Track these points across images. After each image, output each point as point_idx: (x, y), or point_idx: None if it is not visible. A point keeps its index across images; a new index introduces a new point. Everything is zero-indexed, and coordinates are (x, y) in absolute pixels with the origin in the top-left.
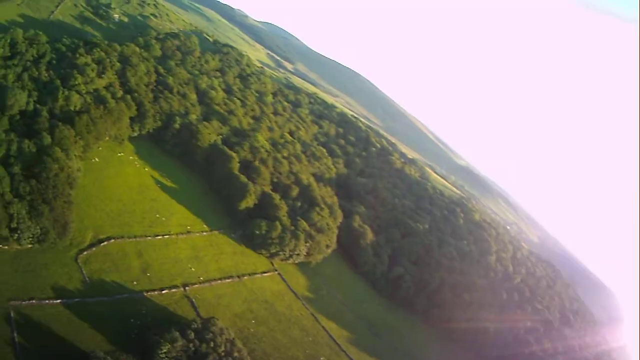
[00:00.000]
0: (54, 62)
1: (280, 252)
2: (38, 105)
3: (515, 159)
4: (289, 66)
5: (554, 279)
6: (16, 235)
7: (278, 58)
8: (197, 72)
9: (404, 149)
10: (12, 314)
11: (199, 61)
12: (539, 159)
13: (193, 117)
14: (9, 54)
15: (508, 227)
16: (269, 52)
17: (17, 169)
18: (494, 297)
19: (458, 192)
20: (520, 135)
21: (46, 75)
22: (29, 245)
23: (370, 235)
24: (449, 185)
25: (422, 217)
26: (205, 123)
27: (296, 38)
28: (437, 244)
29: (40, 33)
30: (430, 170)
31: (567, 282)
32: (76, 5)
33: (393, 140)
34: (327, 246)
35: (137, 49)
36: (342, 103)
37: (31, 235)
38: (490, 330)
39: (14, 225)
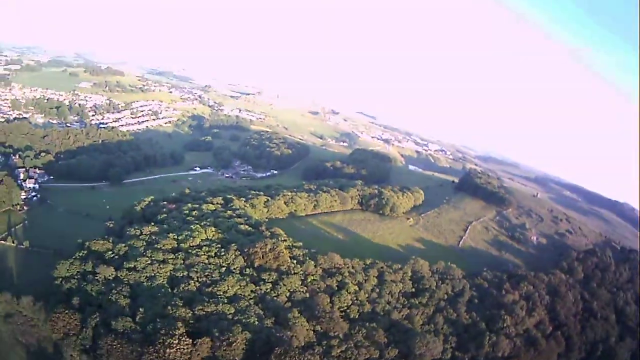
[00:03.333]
0: (475, 300)
1: None
2: (457, 353)
3: None
4: None
5: None
6: None
7: None
8: (615, 289)
9: None
10: None
11: (614, 275)
12: None
13: (612, 339)
14: (412, 290)
15: None
16: None
17: None
18: None
19: None
20: None
21: (467, 317)
22: None
23: None
24: None
25: None
26: (620, 343)
27: None
28: None
29: (453, 266)
30: None
31: None
32: (487, 229)
33: None
34: None
35: (563, 275)
36: None
37: None
38: None
39: None
